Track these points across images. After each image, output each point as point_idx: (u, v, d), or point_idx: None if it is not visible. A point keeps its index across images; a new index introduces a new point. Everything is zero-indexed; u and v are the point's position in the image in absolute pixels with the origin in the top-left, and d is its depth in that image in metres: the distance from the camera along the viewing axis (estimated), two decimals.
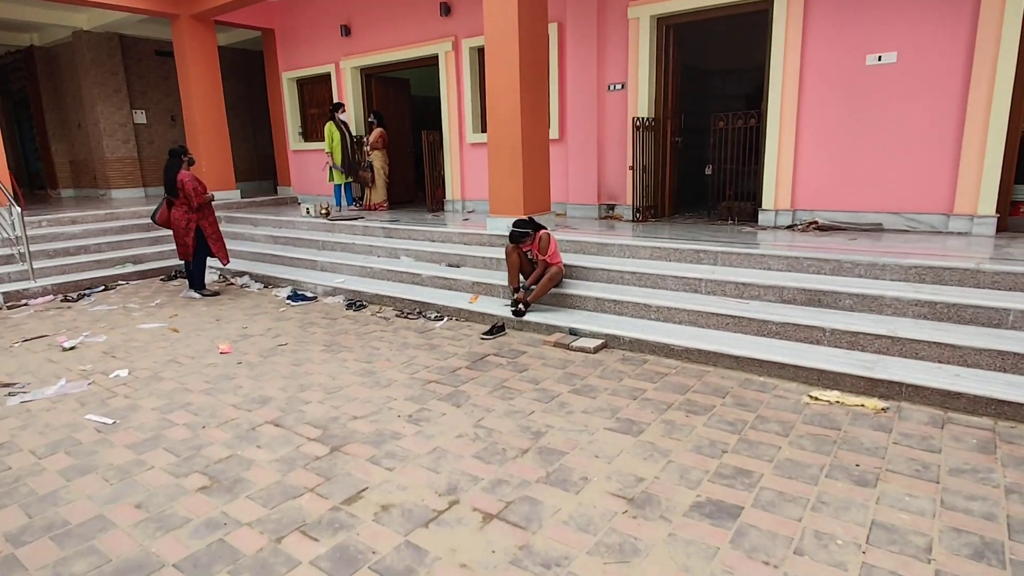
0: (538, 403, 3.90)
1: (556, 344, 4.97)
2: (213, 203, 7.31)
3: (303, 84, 11.75)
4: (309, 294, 7.06)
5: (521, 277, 5.67)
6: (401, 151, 10.88)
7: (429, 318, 5.97)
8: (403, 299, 6.34)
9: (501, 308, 5.72)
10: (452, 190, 9.50)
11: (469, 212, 9.25)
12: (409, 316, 6.06)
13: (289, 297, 6.94)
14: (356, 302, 6.61)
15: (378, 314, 6.22)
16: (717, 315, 4.75)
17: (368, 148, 9.81)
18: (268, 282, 7.73)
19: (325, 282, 7.13)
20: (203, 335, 5.65)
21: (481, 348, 5.04)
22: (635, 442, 3.36)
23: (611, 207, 8.01)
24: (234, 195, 11.24)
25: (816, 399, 3.78)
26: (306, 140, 11.82)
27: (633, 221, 7.48)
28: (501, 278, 6.13)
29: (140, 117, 13.03)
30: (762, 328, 4.54)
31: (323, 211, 9.17)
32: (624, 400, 3.90)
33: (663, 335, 4.71)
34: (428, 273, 6.63)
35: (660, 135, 7.55)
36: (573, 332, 5.10)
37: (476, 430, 3.56)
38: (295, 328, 5.83)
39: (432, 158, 9.33)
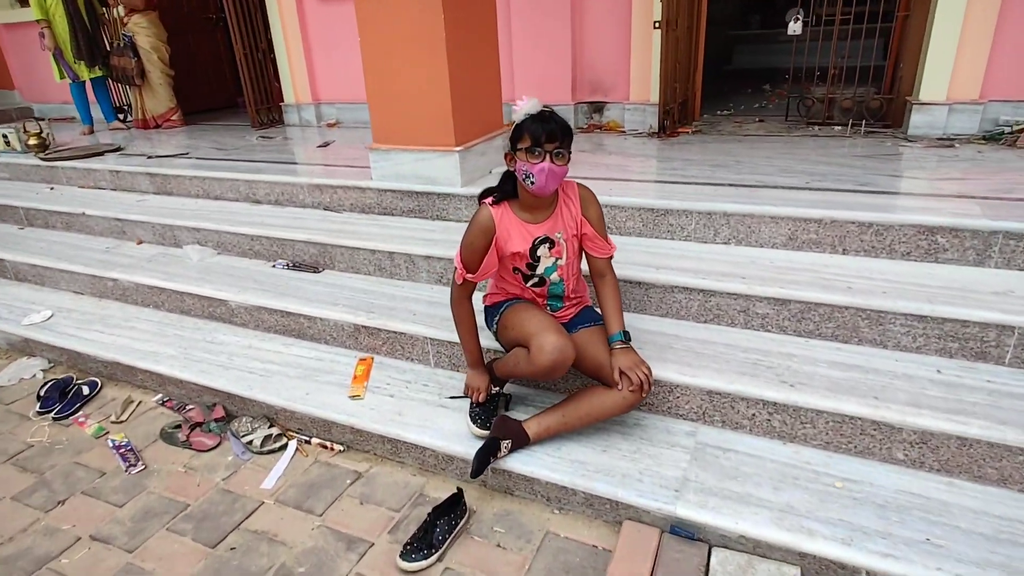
0: None
1: None
2: None
3: None
4: None
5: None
6: (195, 19, 6.30)
7: (250, 446, 2.28)
8: (184, 382, 2.55)
9: (439, 416, 2.14)
10: (293, 86, 5.31)
11: (329, 125, 5.20)
12: (192, 441, 2.33)
13: None
14: (70, 386, 2.72)
15: (116, 425, 2.41)
16: None
17: (122, 13, 5.25)
18: None
19: (8, 325, 3.08)
20: None
21: None
22: None
23: (598, 108, 4.37)
24: None
25: None
26: (24, 3, 6.76)
27: (658, 134, 3.91)
28: (415, 300, 2.50)
29: None
30: None
31: (34, 140, 4.70)
32: None
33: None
34: (240, 300, 2.81)
35: None
36: (681, 531, 1.69)
37: None
38: None
39: (247, 25, 5.03)
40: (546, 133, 1.75)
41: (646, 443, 1.94)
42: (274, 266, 3.11)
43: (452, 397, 2.23)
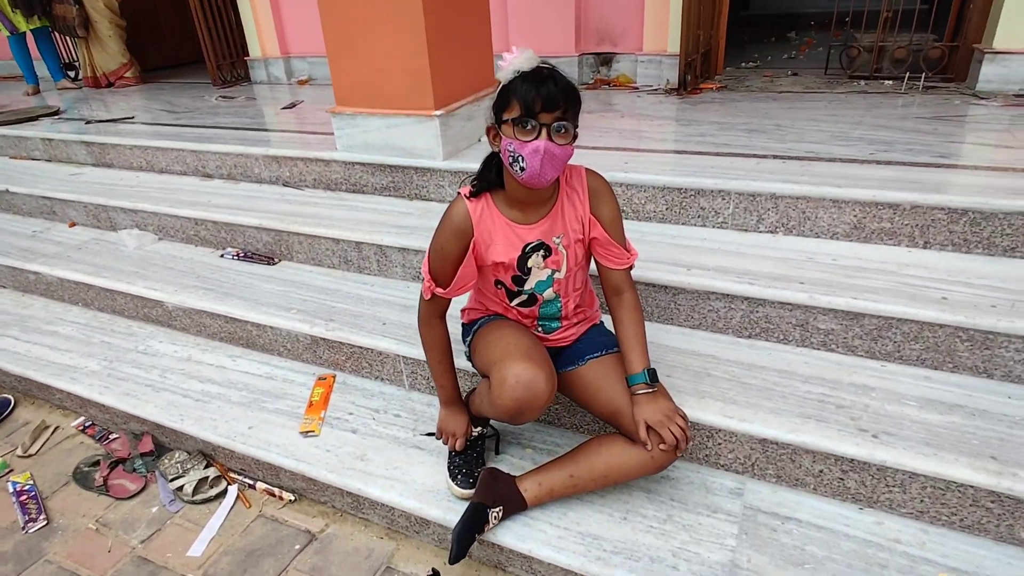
0: None
1: None
2: None
3: None
4: None
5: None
6: None
7: (180, 492, 1.83)
8: (106, 406, 2.08)
9: (411, 461, 1.68)
10: (259, 38, 4.69)
11: (301, 82, 4.61)
12: (111, 485, 1.88)
13: None
14: None
15: (24, 460, 1.96)
16: None
17: None
18: None
19: None
20: None
21: None
22: None
23: (606, 60, 3.79)
24: None
25: None
26: None
27: (677, 91, 3.35)
28: (386, 303, 2.02)
29: None
30: None
31: None
32: None
33: None
34: (176, 301, 2.31)
35: None
36: None
37: None
38: None
39: None
40: (542, 99, 1.22)
41: (679, 507, 1.48)
42: (222, 256, 2.61)
43: (428, 434, 1.77)
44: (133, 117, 3.76)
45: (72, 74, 5.24)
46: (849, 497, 1.46)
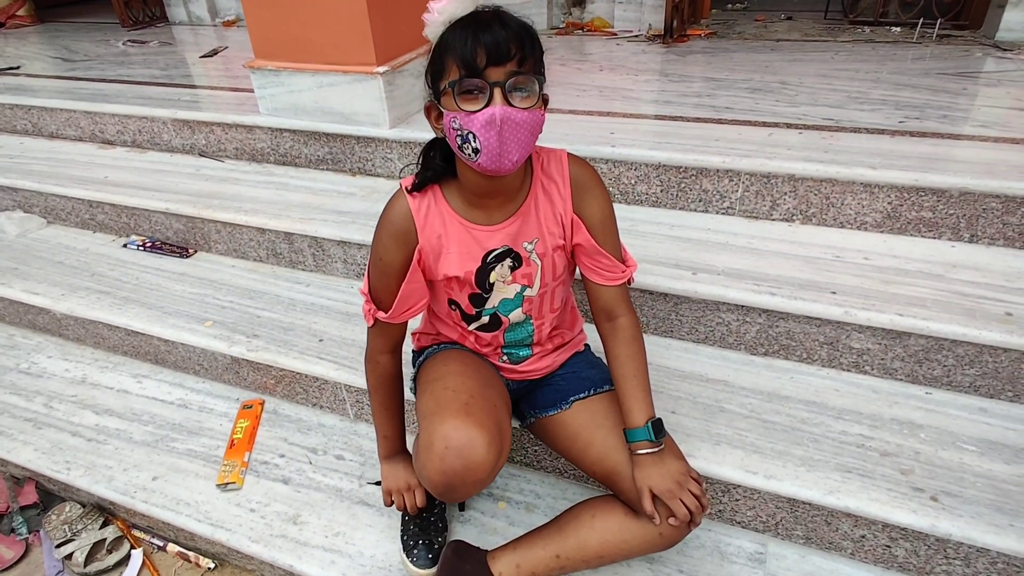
0: None
1: None
2: None
3: None
4: None
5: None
6: None
7: (71, 561, 1.46)
8: None
9: (358, 523, 1.34)
10: None
11: (227, 24, 3.98)
12: None
13: None
14: None
15: None
16: None
17: None
18: None
19: None
20: None
21: None
22: None
23: (578, 0, 3.32)
24: None
25: None
26: None
27: (662, 39, 2.93)
28: (324, 309, 1.65)
29: None
30: None
31: None
32: None
33: None
34: (64, 308, 1.87)
35: None
36: None
37: None
38: None
39: None
40: (486, 48, 0.86)
41: None
42: (125, 246, 2.16)
43: (376, 483, 1.44)
44: (19, 67, 3.15)
45: None
46: (896, 566, 1.19)
